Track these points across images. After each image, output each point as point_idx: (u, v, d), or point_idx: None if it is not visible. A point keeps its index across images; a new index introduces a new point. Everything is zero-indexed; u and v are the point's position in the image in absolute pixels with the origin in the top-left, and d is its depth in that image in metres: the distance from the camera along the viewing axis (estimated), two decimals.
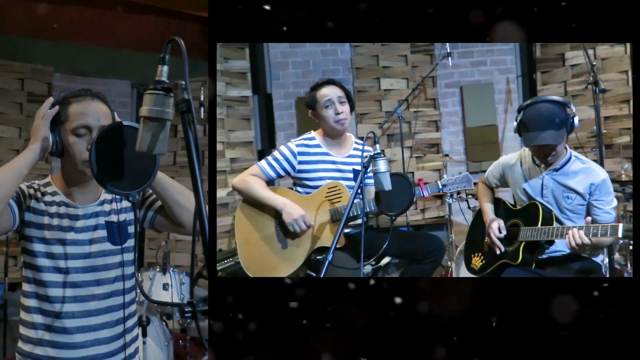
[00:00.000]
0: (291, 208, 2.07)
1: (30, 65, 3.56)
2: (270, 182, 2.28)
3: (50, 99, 1.28)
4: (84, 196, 1.36)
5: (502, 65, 3.92)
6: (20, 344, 1.32)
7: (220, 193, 3.74)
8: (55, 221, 1.30)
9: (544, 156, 1.91)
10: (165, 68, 0.98)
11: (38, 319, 1.29)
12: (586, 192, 1.91)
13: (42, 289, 1.29)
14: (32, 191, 1.32)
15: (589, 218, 1.86)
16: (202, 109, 3.31)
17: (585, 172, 1.92)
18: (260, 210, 2.17)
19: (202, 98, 3.28)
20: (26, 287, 1.31)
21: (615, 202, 1.94)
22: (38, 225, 1.29)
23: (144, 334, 2.27)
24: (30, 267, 1.30)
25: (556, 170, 1.94)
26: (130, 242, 1.38)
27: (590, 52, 3.45)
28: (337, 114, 2.13)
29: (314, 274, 2.20)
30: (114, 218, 1.37)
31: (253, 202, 2.19)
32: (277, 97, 3.97)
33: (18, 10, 3.35)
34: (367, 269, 2.28)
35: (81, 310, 1.30)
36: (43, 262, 1.28)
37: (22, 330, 1.32)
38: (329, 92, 2.16)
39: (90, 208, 1.35)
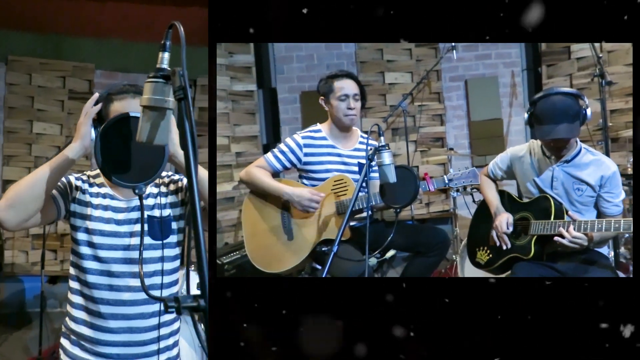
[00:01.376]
0: (298, 195, 2.10)
1: (71, 63, 3.60)
2: (275, 175, 2.29)
3: (96, 95, 1.31)
4: (128, 190, 1.35)
5: (507, 59, 3.90)
6: (66, 319, 1.42)
7: (226, 187, 3.76)
8: (98, 212, 1.36)
9: (557, 149, 1.90)
10: (166, 55, 0.95)
11: (79, 300, 1.38)
12: (597, 184, 1.90)
13: (83, 274, 1.36)
14: (79, 183, 1.38)
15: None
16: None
17: (596, 164, 1.91)
18: (266, 202, 2.20)
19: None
20: (72, 270, 1.40)
21: (623, 195, 1.93)
22: (82, 216, 1.36)
23: None
24: (75, 254, 1.38)
25: (567, 162, 1.93)
26: (173, 238, 1.42)
27: (597, 45, 3.43)
28: (349, 108, 2.16)
29: (319, 266, 2.22)
30: (156, 213, 1.40)
31: (260, 194, 2.20)
32: (282, 91, 3.98)
33: (58, 8, 3.35)
34: (372, 261, 2.29)
35: (116, 299, 1.35)
36: (84, 250, 1.36)
37: (68, 308, 1.41)
38: (346, 86, 2.18)
39: (134, 202, 1.39)
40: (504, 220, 2.02)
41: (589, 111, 1.86)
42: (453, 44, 3.46)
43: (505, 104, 3.88)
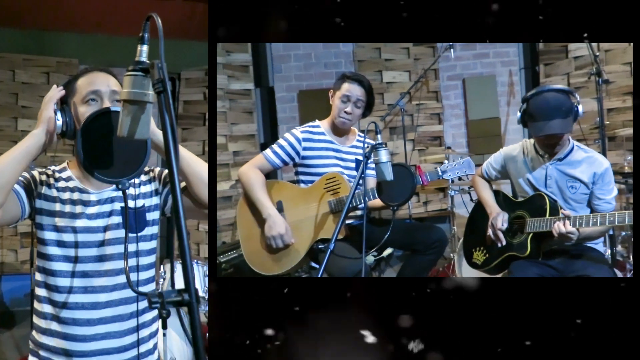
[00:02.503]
0: (274, 222, 2.05)
1: (55, 58, 3.56)
2: (274, 172, 2.29)
3: (55, 86, 1.24)
4: (98, 181, 1.25)
5: (504, 58, 3.90)
6: (33, 333, 1.29)
7: (224, 186, 3.75)
8: (67, 208, 1.25)
9: (550, 146, 1.91)
10: (145, 47, 0.92)
11: (48, 309, 1.25)
12: (590, 181, 1.91)
13: (51, 278, 1.24)
14: (44, 177, 1.27)
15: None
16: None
17: (588, 161, 1.92)
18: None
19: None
20: (38, 275, 1.28)
21: (616, 192, 1.95)
22: (49, 213, 1.25)
23: (164, 326, 2.23)
24: (41, 256, 1.26)
25: (560, 160, 1.94)
26: (148, 230, 1.32)
27: (594, 44, 3.44)
28: (346, 112, 2.15)
29: (317, 265, 2.21)
30: (130, 204, 1.29)
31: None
32: (280, 90, 3.98)
33: (41, 3, 3.31)
34: (370, 259, 2.29)
35: (91, 302, 1.24)
36: (53, 250, 1.24)
37: (35, 319, 1.28)
38: (352, 89, 2.15)
39: (105, 193, 1.28)
40: (499, 217, 2.04)
41: (580, 108, 1.88)
42: (451, 42, 3.46)
43: (503, 102, 3.88)
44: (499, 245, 2.03)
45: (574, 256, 1.95)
